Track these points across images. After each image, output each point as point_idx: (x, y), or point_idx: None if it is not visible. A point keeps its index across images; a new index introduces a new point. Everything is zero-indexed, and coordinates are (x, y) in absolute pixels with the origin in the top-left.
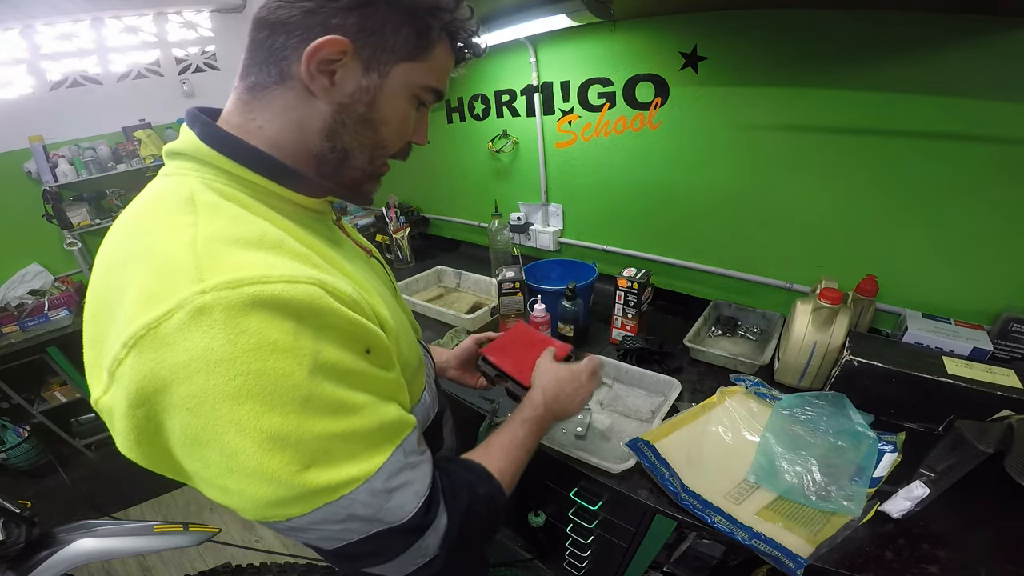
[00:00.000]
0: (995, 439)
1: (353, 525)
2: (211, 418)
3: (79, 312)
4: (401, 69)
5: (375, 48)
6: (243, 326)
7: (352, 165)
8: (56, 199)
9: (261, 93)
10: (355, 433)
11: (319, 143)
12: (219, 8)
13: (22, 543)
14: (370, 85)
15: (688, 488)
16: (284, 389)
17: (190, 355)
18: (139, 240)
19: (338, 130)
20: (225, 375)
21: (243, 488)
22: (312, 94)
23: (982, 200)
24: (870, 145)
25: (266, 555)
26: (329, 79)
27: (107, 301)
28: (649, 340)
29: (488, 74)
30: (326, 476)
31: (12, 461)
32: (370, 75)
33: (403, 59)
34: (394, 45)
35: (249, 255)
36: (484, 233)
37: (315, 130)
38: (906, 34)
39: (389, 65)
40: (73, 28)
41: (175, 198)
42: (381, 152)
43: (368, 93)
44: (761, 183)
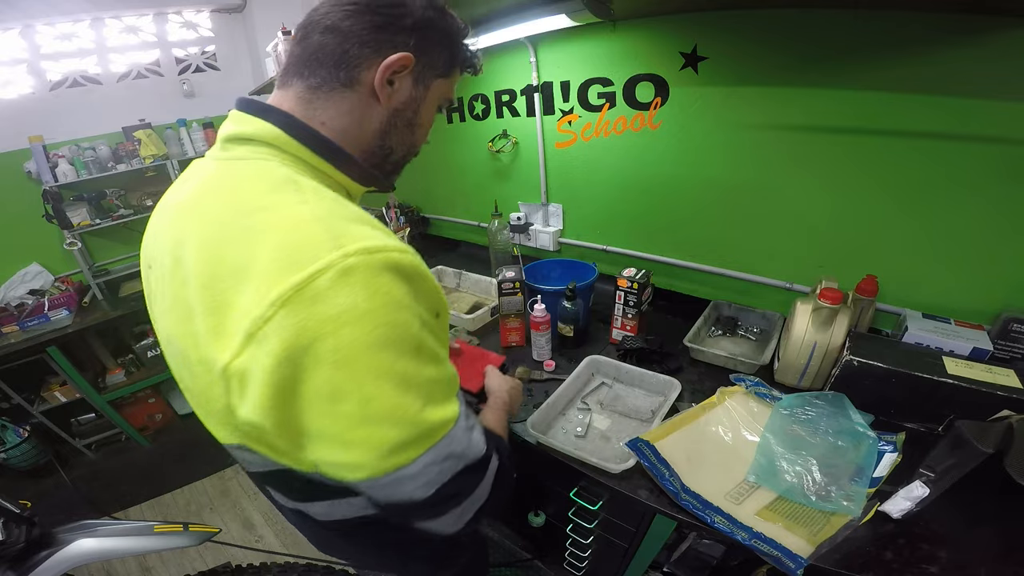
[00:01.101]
0: (995, 439)
1: (448, 464)
2: (354, 368)
3: (79, 312)
4: (437, 83)
5: (425, 65)
6: (378, 285)
7: (391, 160)
8: (56, 199)
9: (326, 93)
10: (444, 379)
11: (372, 140)
12: (219, 8)
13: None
14: (418, 95)
15: (688, 488)
16: (408, 338)
17: (340, 308)
18: (252, 217)
19: (390, 131)
20: (368, 326)
21: (372, 434)
22: (376, 99)
23: (982, 200)
24: (870, 145)
25: (266, 555)
26: (391, 87)
27: (224, 272)
28: (649, 340)
29: (488, 74)
30: (438, 413)
31: (12, 461)
32: (418, 87)
33: (440, 75)
34: (436, 64)
35: (362, 229)
36: (484, 233)
37: (372, 130)
38: (906, 34)
39: (431, 79)
40: (73, 28)
41: (273, 179)
42: (413, 150)
43: (416, 102)
44: (761, 183)
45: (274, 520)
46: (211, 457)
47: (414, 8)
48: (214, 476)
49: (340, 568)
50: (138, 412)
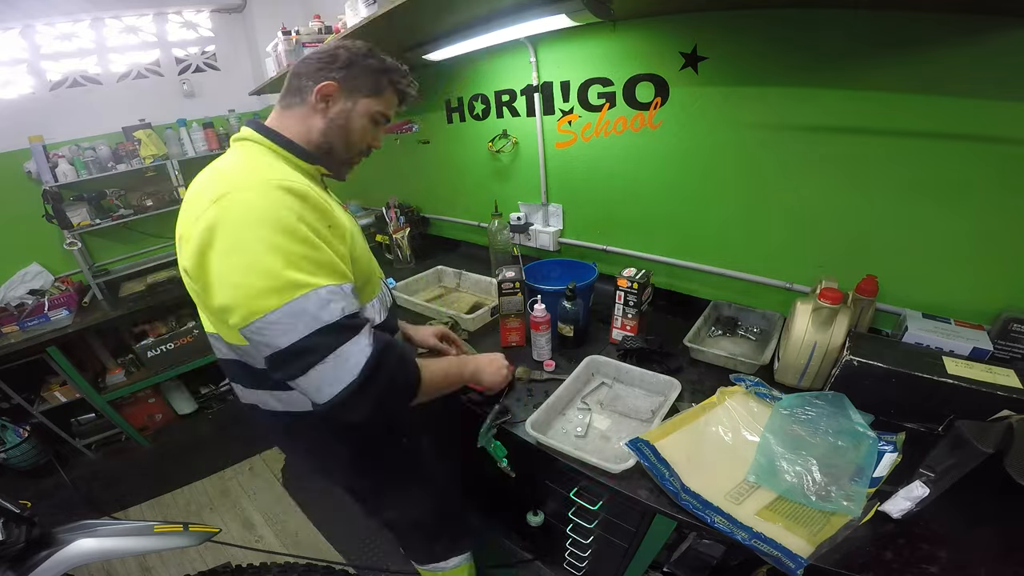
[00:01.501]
0: (995, 439)
1: (303, 320)
2: (244, 235)
3: (79, 312)
4: (364, 102)
5: (351, 89)
6: (271, 194)
7: (335, 151)
8: (56, 199)
9: (289, 110)
10: (316, 260)
11: (317, 138)
12: (219, 8)
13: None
14: (346, 109)
15: (688, 488)
16: (287, 225)
17: (244, 204)
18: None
19: (328, 132)
20: (258, 212)
21: (248, 281)
22: (316, 112)
23: (982, 200)
24: (870, 145)
25: (266, 555)
26: (326, 104)
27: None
28: (649, 340)
29: (488, 74)
30: (298, 276)
31: (12, 461)
32: (347, 103)
33: (366, 96)
34: (360, 88)
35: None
36: (484, 233)
37: (316, 130)
38: (906, 34)
39: (358, 99)
40: (73, 28)
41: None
42: (351, 148)
43: (345, 113)
44: (761, 183)
45: (274, 520)
46: (211, 457)
47: (342, 56)
48: (214, 476)
49: (340, 568)
50: (138, 412)
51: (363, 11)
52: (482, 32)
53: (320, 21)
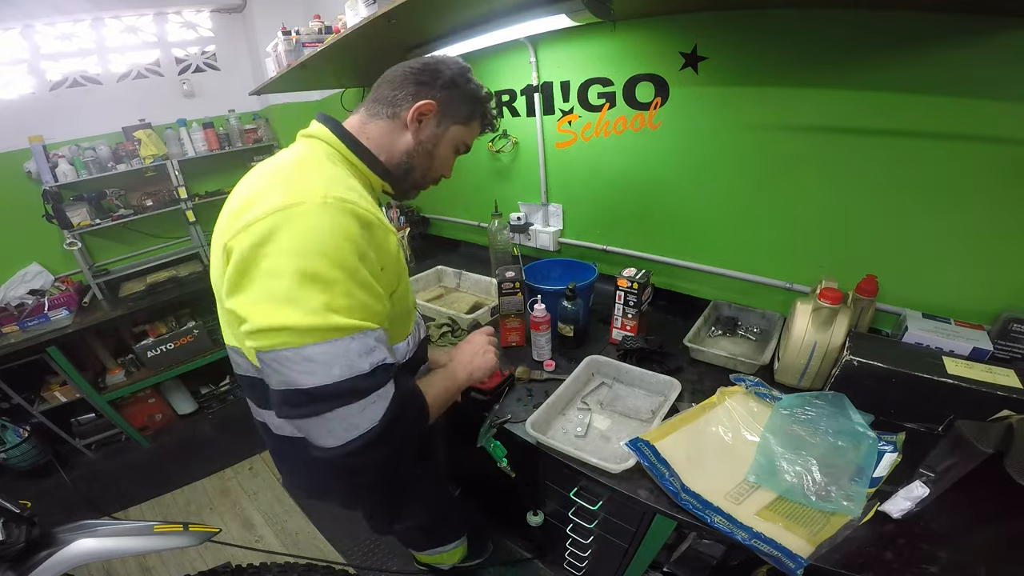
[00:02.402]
0: (995, 439)
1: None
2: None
3: (79, 312)
4: (454, 129)
5: (446, 113)
6: (338, 219)
7: (411, 176)
8: (56, 199)
9: (375, 120)
10: (367, 305)
11: (399, 157)
12: (219, 8)
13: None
14: (437, 133)
15: (688, 488)
16: (343, 260)
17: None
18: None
19: (412, 154)
20: (318, 238)
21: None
22: (407, 129)
23: (982, 200)
24: (870, 145)
25: (266, 555)
26: (418, 124)
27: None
28: (649, 340)
29: (488, 74)
30: (343, 320)
31: (12, 461)
32: (438, 128)
33: (457, 123)
34: (456, 114)
35: (348, 192)
36: (484, 233)
37: (401, 150)
38: (906, 34)
39: (449, 125)
40: (73, 28)
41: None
42: (429, 174)
43: (435, 137)
44: (761, 183)
45: (274, 520)
46: (211, 457)
47: (445, 74)
48: (214, 476)
49: (340, 568)
50: (138, 412)
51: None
52: (482, 32)
53: (320, 21)
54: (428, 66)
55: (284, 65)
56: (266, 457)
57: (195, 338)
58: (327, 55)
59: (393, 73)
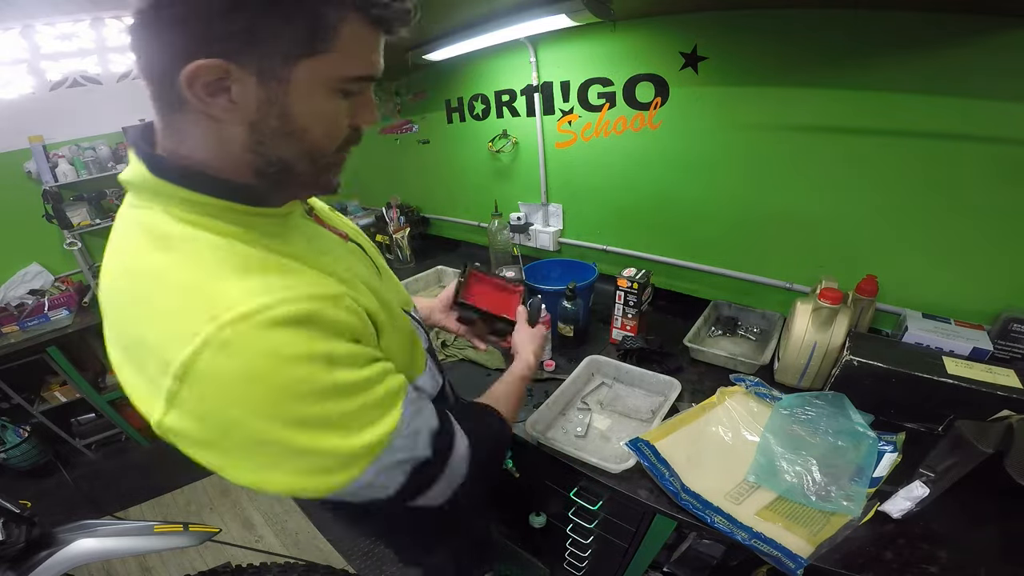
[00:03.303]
0: (995, 439)
1: (396, 470)
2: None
3: (79, 312)
4: (303, 68)
5: (261, 56)
6: (262, 348)
7: (296, 172)
8: (56, 199)
9: (172, 117)
10: (371, 403)
11: (252, 159)
12: None
13: (22, 543)
14: (271, 96)
15: (688, 488)
16: (311, 387)
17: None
18: (134, 282)
19: (263, 145)
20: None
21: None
22: (214, 119)
23: (982, 200)
24: (870, 145)
25: (266, 555)
26: (226, 100)
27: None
28: (649, 340)
29: (488, 74)
30: (365, 438)
31: (12, 461)
32: (268, 85)
33: (301, 56)
34: (284, 46)
35: (243, 283)
36: (484, 233)
37: (239, 150)
38: (906, 34)
39: (286, 68)
40: (73, 28)
41: (148, 236)
42: (320, 154)
43: (273, 104)
44: (761, 183)
45: (274, 520)
46: None
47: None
48: (214, 476)
49: (340, 568)
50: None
51: None
52: (482, 32)
53: None
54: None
55: None
56: None
57: None
58: None
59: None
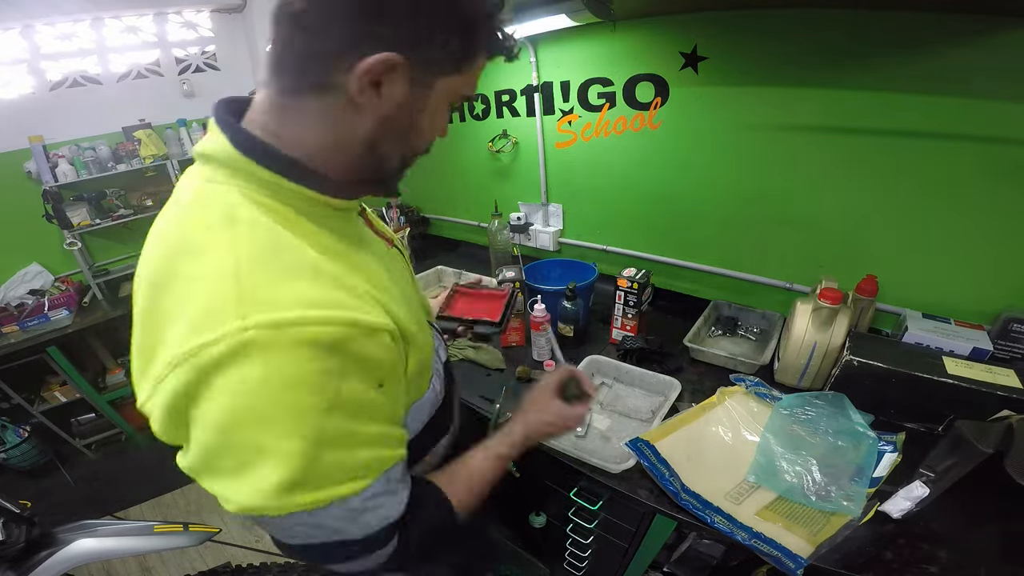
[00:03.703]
0: (995, 439)
1: (320, 532)
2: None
3: (79, 312)
4: (444, 82)
5: (423, 62)
6: (278, 365)
7: (385, 168)
8: (56, 199)
9: (297, 99)
10: (351, 463)
11: (359, 152)
12: (219, 8)
13: (22, 543)
14: (415, 100)
15: (688, 488)
16: (301, 420)
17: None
18: (182, 261)
19: (378, 142)
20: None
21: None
22: (357, 107)
23: (982, 200)
24: (870, 145)
25: (266, 555)
26: (376, 92)
27: (157, 319)
28: (649, 340)
29: (488, 74)
30: (311, 497)
31: (12, 461)
32: (415, 89)
33: (448, 72)
34: (441, 58)
35: (288, 285)
36: (484, 233)
37: (356, 141)
38: (906, 34)
39: (434, 78)
40: (73, 28)
41: (215, 213)
42: (413, 155)
43: (412, 108)
44: (761, 183)
45: None
46: None
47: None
48: None
49: None
50: (138, 412)
51: None
52: None
53: None
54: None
55: None
56: None
57: None
58: None
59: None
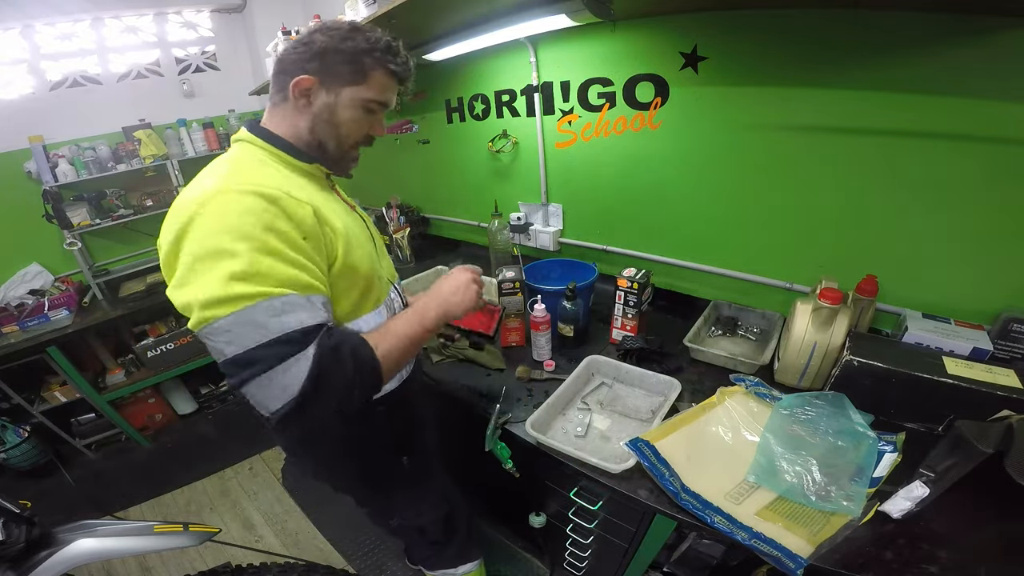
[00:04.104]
0: (995, 439)
1: (250, 331)
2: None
3: (79, 312)
4: (348, 91)
5: (331, 79)
6: (239, 200)
7: (327, 149)
8: (56, 199)
9: (276, 108)
10: (274, 271)
11: (306, 136)
12: (219, 8)
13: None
14: (329, 102)
15: (688, 488)
16: (248, 233)
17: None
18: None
19: (315, 129)
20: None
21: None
22: (298, 109)
23: (982, 200)
24: (870, 145)
25: (266, 555)
26: (306, 100)
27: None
28: (649, 340)
29: (488, 74)
30: (246, 288)
31: (12, 461)
32: (329, 96)
33: (348, 84)
34: (341, 76)
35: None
36: (484, 233)
37: (304, 128)
38: (906, 34)
39: (339, 89)
40: (73, 28)
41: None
42: (344, 141)
43: (329, 108)
44: (761, 183)
45: (274, 520)
46: (211, 457)
47: (317, 43)
48: (214, 476)
49: (340, 568)
50: (138, 412)
51: (363, 11)
52: (482, 32)
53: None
54: (302, 41)
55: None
56: (266, 457)
57: (195, 338)
58: None
59: (280, 58)
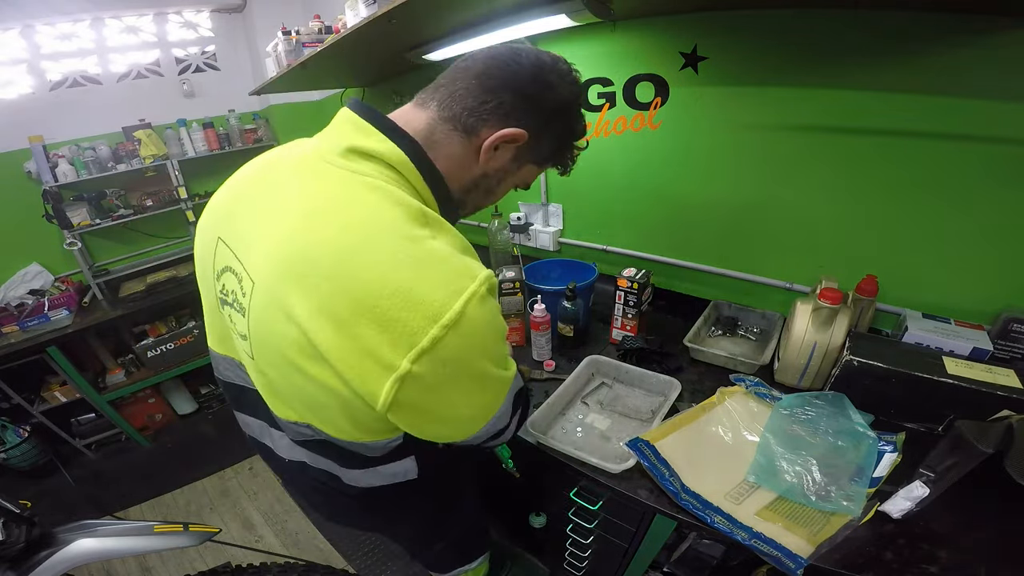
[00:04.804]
0: (995, 439)
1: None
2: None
3: (79, 312)
4: (528, 167)
5: (531, 148)
6: (492, 302)
7: (463, 205)
8: (56, 199)
9: (450, 132)
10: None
11: (456, 191)
12: (219, 8)
13: (22, 543)
14: (509, 169)
15: (688, 488)
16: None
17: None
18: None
19: (470, 188)
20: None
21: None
22: (477, 157)
23: (982, 200)
24: (870, 145)
25: (266, 555)
26: (493, 151)
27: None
28: (649, 340)
29: None
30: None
31: (12, 461)
32: (513, 163)
33: (536, 162)
34: (539, 151)
35: (472, 259)
36: (484, 233)
37: (460, 181)
38: (906, 34)
39: (526, 161)
40: (73, 28)
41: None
42: (478, 207)
43: (503, 173)
44: (761, 183)
45: (274, 520)
46: (211, 457)
47: (558, 95)
48: (214, 476)
49: (340, 568)
50: (138, 412)
51: (363, 11)
52: (482, 32)
53: (320, 21)
54: (541, 72)
55: (284, 65)
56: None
57: (195, 338)
58: (327, 55)
59: (488, 65)
